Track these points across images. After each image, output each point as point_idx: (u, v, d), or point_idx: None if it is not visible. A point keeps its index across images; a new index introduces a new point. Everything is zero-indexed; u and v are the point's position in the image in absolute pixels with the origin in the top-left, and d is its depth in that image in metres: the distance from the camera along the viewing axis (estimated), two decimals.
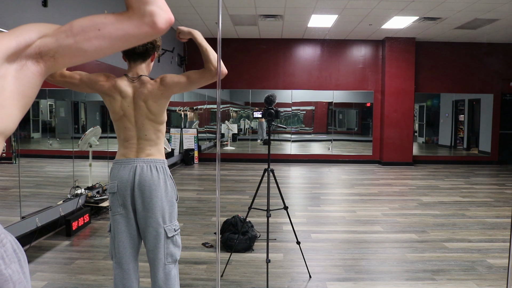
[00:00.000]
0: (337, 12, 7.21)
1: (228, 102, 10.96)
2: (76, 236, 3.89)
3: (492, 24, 7.76)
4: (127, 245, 1.91)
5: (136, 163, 1.87)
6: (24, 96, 0.77)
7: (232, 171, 8.34)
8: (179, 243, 1.96)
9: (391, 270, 3.16)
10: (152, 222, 1.87)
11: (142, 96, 1.85)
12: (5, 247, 0.78)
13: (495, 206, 5.40)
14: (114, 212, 1.91)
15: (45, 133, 4.47)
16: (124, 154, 1.90)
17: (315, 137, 10.58)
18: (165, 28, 0.76)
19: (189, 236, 3.92)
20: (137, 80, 1.88)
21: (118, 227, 1.90)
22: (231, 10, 7.20)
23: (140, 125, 1.88)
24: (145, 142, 1.89)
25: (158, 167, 1.89)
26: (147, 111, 1.86)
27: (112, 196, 1.91)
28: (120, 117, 1.88)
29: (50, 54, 0.76)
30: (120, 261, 1.91)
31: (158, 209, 1.87)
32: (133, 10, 0.75)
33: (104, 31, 0.75)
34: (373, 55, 9.74)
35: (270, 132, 2.98)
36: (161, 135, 1.94)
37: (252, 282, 2.89)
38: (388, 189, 6.60)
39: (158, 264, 1.90)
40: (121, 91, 1.85)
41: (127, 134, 1.89)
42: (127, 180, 1.86)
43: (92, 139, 4.75)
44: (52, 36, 0.76)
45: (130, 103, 1.86)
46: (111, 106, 1.88)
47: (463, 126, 10.62)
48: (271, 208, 2.88)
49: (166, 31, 0.78)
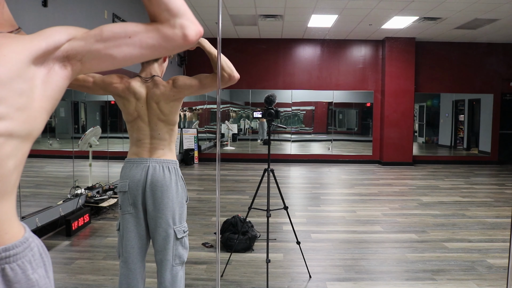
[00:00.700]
0: (337, 12, 7.21)
1: (228, 102, 10.95)
2: (76, 236, 3.89)
3: (492, 24, 7.76)
4: (135, 245, 1.90)
5: (148, 163, 1.87)
6: (51, 99, 0.77)
7: (232, 171, 8.34)
8: (187, 244, 1.96)
9: (391, 270, 3.16)
10: (162, 223, 1.87)
11: (154, 97, 1.85)
12: (33, 251, 0.78)
13: (495, 206, 5.40)
14: (124, 211, 1.90)
15: (45, 133, 4.47)
16: (137, 153, 1.90)
17: (315, 137, 10.58)
18: (196, 40, 0.77)
19: (189, 236, 3.90)
20: (150, 81, 1.88)
21: (127, 226, 1.89)
22: (231, 10, 7.20)
23: (153, 125, 1.88)
24: (158, 141, 1.89)
25: (170, 167, 1.89)
26: (159, 112, 1.86)
27: (123, 195, 1.90)
28: (135, 118, 1.88)
29: (77, 58, 0.76)
30: (127, 260, 1.90)
31: (169, 210, 1.86)
32: (162, 23, 0.75)
33: (135, 39, 0.75)
34: (373, 55, 9.74)
35: (270, 132, 2.98)
36: (174, 134, 1.95)
37: (252, 282, 2.89)
38: (388, 189, 6.60)
39: (166, 265, 1.89)
40: (135, 92, 1.85)
41: (140, 133, 1.89)
42: (139, 179, 1.86)
43: (92, 139, 4.75)
44: (81, 39, 0.76)
45: (143, 104, 1.86)
46: (125, 108, 1.88)
47: (463, 126, 10.62)
48: (271, 208, 2.88)
49: (196, 43, 0.79)
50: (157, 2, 0.75)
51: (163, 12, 0.75)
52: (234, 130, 11.11)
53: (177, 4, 0.75)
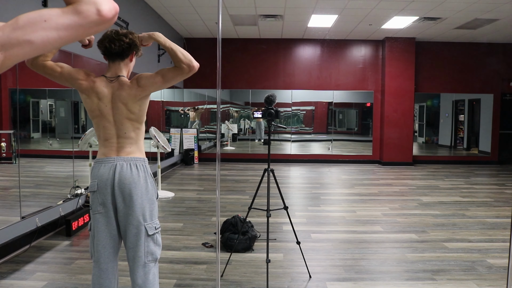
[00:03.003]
0: (337, 12, 7.21)
1: (228, 102, 10.95)
2: (76, 236, 3.89)
3: (492, 24, 7.76)
4: (107, 245, 1.89)
5: (116, 162, 1.87)
6: None
7: (232, 171, 8.34)
8: (159, 242, 1.95)
9: (391, 270, 3.16)
10: (132, 220, 1.86)
11: (121, 98, 1.86)
12: None
13: (495, 206, 5.40)
14: (94, 211, 1.90)
15: (45, 133, 4.48)
16: (105, 153, 1.91)
17: (315, 137, 10.58)
18: (112, 16, 0.78)
19: (189, 236, 3.92)
20: (115, 81, 1.88)
21: (98, 226, 1.89)
22: (231, 10, 7.20)
23: (119, 125, 1.89)
24: (125, 140, 1.90)
25: (138, 165, 1.90)
26: (128, 112, 1.87)
27: (93, 195, 1.90)
28: (97, 115, 1.89)
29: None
30: (98, 260, 1.89)
31: (139, 207, 1.87)
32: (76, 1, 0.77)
33: (51, 22, 0.76)
34: (373, 55, 9.74)
35: (270, 132, 2.98)
36: (140, 133, 1.95)
37: (252, 282, 2.89)
38: (388, 189, 6.60)
39: (138, 262, 1.88)
40: (98, 92, 1.86)
41: (106, 133, 1.90)
42: (107, 178, 1.86)
43: (92, 139, 4.75)
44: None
45: (108, 103, 1.87)
46: (87, 105, 1.90)
47: (463, 126, 10.62)
48: (271, 208, 2.88)
49: (114, 20, 0.79)
50: None
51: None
52: (234, 130, 11.10)
53: None
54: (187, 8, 7.03)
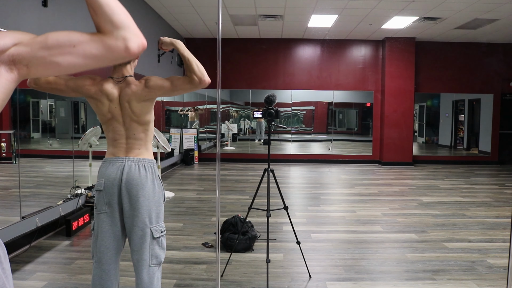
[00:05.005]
0: (337, 12, 7.21)
1: (228, 102, 10.95)
2: (76, 236, 3.89)
3: (492, 24, 7.76)
4: (110, 245, 1.88)
5: (124, 162, 1.86)
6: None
7: (232, 171, 8.34)
8: (164, 245, 1.94)
9: (391, 270, 3.16)
10: (138, 221, 1.85)
11: (126, 96, 1.85)
12: None
13: (495, 206, 5.40)
14: (99, 211, 1.89)
15: (45, 133, 4.47)
16: (113, 153, 1.90)
17: (315, 137, 10.58)
18: (138, 52, 0.79)
19: (189, 236, 3.92)
20: (123, 81, 1.88)
21: (102, 226, 1.87)
22: (231, 10, 7.20)
23: (128, 125, 1.88)
24: (134, 141, 1.90)
25: (146, 166, 1.89)
26: (130, 112, 1.87)
27: (98, 194, 1.89)
28: (109, 118, 1.88)
29: (23, 62, 0.77)
30: (100, 261, 1.87)
31: (145, 208, 1.85)
32: (105, 34, 0.77)
33: (79, 48, 0.77)
34: (373, 55, 9.74)
35: (270, 132, 2.98)
36: (149, 134, 1.94)
37: (252, 282, 2.89)
38: (388, 189, 6.60)
39: (143, 266, 1.87)
40: (107, 94, 1.84)
41: (116, 134, 1.89)
42: (114, 178, 1.85)
43: (92, 139, 4.75)
44: (26, 45, 0.76)
45: (117, 105, 1.86)
46: (99, 109, 1.88)
47: (463, 126, 10.62)
48: (271, 208, 2.88)
49: (139, 55, 0.81)
50: (101, 14, 0.76)
51: (106, 24, 0.77)
52: (234, 130, 11.11)
53: (120, 17, 0.77)
54: (187, 8, 7.03)
